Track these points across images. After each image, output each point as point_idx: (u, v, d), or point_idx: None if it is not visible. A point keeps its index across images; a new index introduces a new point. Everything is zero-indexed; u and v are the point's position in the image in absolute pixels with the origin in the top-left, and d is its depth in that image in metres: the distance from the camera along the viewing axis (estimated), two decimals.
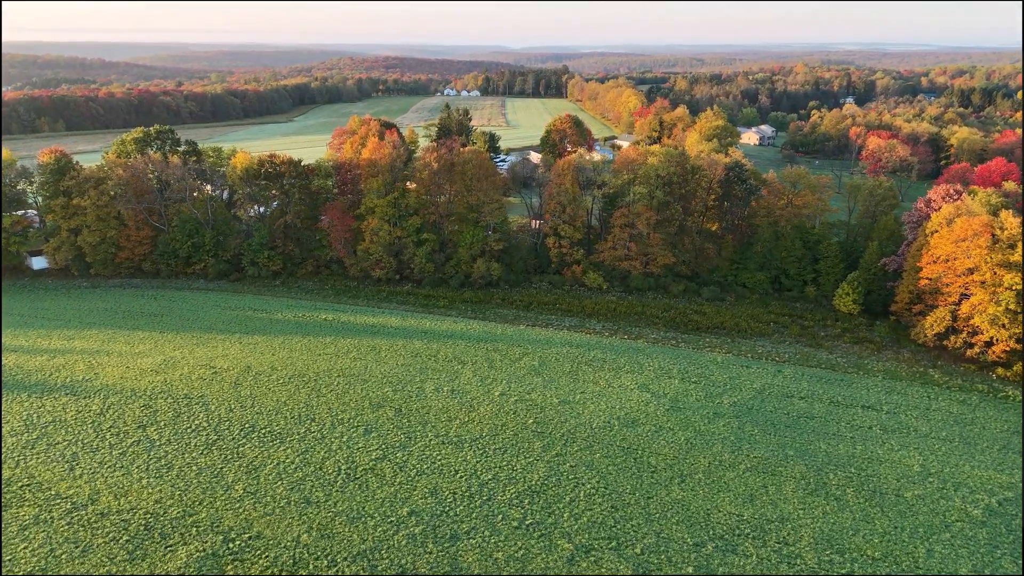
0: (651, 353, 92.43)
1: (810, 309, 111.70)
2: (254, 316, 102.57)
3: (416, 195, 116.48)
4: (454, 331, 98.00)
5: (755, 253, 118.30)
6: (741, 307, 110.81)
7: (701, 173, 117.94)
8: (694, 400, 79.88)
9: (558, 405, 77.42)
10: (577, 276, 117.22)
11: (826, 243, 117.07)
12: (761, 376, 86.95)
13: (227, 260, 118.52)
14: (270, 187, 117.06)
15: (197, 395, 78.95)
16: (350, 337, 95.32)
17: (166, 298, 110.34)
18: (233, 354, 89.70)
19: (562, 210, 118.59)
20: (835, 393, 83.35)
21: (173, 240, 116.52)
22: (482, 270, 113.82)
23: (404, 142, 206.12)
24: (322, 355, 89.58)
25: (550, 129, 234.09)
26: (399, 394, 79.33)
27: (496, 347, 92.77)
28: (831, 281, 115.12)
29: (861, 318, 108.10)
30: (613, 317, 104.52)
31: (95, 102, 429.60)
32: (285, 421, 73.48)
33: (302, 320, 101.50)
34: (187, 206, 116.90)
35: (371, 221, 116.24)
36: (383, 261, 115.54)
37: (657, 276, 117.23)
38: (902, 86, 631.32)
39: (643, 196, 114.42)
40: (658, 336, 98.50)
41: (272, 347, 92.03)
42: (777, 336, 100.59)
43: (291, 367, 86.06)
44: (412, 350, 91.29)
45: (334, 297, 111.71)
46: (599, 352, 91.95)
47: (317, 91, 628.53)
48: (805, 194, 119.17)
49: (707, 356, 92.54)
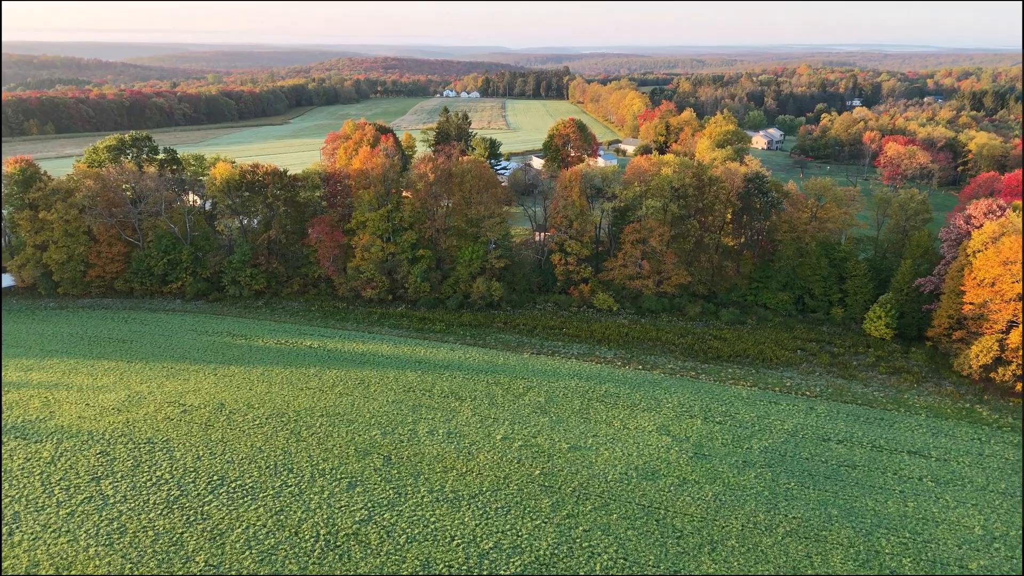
0: (669, 387, 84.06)
1: (838, 333, 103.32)
2: (232, 343, 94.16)
3: (411, 208, 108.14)
4: (451, 360, 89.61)
5: (777, 271, 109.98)
6: (763, 331, 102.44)
7: (718, 185, 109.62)
8: (720, 445, 71.52)
9: (568, 452, 69.06)
10: (585, 296, 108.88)
11: (853, 261, 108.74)
12: (792, 415, 78.57)
13: (206, 278, 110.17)
14: (253, 199, 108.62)
15: (162, 439, 70.64)
16: (336, 368, 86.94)
17: (138, 321, 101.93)
18: (206, 388, 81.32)
19: (568, 224, 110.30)
20: (876, 435, 74.96)
21: (148, 257, 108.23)
22: (482, 290, 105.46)
23: (400, 148, 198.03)
24: (304, 390, 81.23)
25: (553, 134, 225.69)
26: (389, 438, 71.01)
27: (498, 380, 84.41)
28: (859, 302, 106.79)
29: (895, 344, 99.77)
30: (625, 343, 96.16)
31: (85, 104, 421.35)
32: (259, 472, 65.13)
33: (285, 347, 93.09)
34: (163, 220, 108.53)
35: (362, 236, 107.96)
36: (375, 280, 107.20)
37: (671, 296, 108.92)
38: (908, 88, 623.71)
39: (656, 210, 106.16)
40: (675, 366, 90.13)
41: (250, 380, 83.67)
42: (805, 366, 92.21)
43: (269, 404, 77.72)
44: (405, 383, 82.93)
45: (321, 320, 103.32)
46: (611, 386, 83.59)
47: (314, 92, 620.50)
48: (830, 208, 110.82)
49: (731, 390, 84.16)
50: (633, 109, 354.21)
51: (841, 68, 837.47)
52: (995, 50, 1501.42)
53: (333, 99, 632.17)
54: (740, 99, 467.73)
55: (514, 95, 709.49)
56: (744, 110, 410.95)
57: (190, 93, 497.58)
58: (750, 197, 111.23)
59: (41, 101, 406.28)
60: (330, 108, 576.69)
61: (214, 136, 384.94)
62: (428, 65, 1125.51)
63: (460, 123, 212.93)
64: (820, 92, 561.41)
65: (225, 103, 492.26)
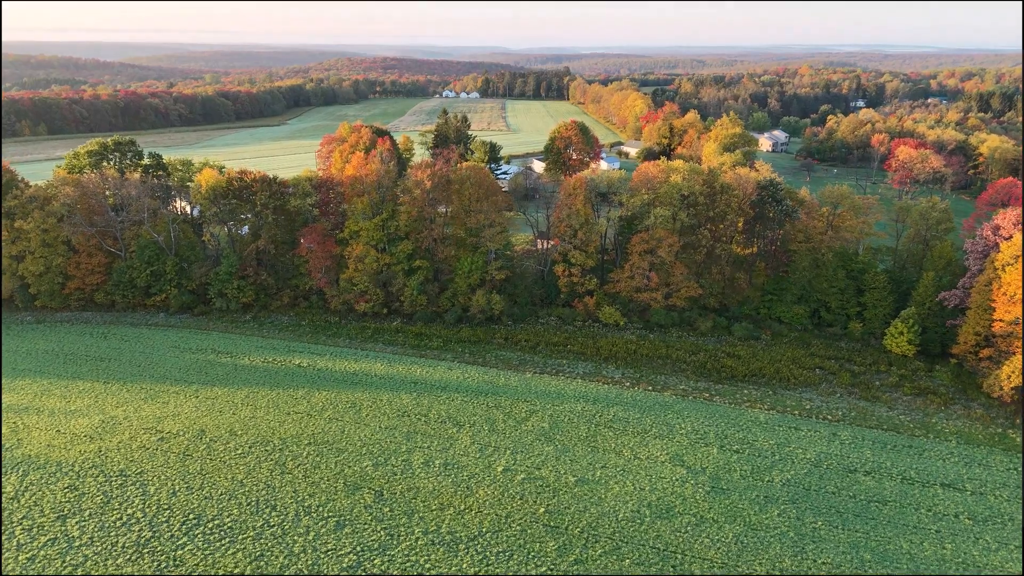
0: (681, 410, 78.93)
1: (857, 350, 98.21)
2: (217, 361, 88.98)
3: (407, 217, 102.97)
4: (449, 381, 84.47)
5: (792, 283, 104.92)
6: (779, 348, 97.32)
7: (730, 192, 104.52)
8: (739, 477, 66.40)
9: (575, 486, 63.98)
10: (590, 309, 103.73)
11: (872, 272, 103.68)
12: (814, 442, 73.44)
13: (192, 291, 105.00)
14: (241, 208, 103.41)
15: (135, 472, 65.58)
16: (327, 389, 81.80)
17: (118, 336, 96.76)
18: (186, 413, 76.17)
19: (572, 234, 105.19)
20: (906, 465, 69.85)
21: (130, 268, 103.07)
22: (482, 303, 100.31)
23: (398, 151, 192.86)
24: (292, 414, 76.10)
25: (554, 136, 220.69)
26: (381, 470, 65.91)
27: (498, 403, 79.28)
28: (879, 316, 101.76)
29: (918, 361, 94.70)
30: (633, 361, 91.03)
31: (79, 104, 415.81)
32: (239, 510, 60.03)
33: (272, 366, 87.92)
34: (146, 229, 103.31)
35: (355, 247, 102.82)
36: (369, 292, 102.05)
37: (681, 310, 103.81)
38: (912, 89, 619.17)
39: (665, 219, 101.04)
40: (687, 387, 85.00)
41: (233, 403, 78.55)
42: (825, 386, 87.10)
43: (253, 431, 72.60)
44: (399, 407, 77.78)
45: (311, 336, 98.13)
46: (620, 409, 78.45)
47: (312, 93, 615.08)
48: (846, 216, 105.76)
49: (747, 414, 79.03)
50: (635, 110, 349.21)
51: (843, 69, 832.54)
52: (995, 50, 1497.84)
53: (331, 99, 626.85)
54: (743, 100, 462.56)
55: (514, 96, 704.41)
56: (748, 111, 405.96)
57: (186, 94, 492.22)
58: (763, 205, 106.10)
59: (34, 102, 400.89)
60: (328, 109, 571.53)
61: (209, 137, 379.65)
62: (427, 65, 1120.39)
63: (459, 125, 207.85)
64: (824, 93, 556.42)
65: (221, 104, 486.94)
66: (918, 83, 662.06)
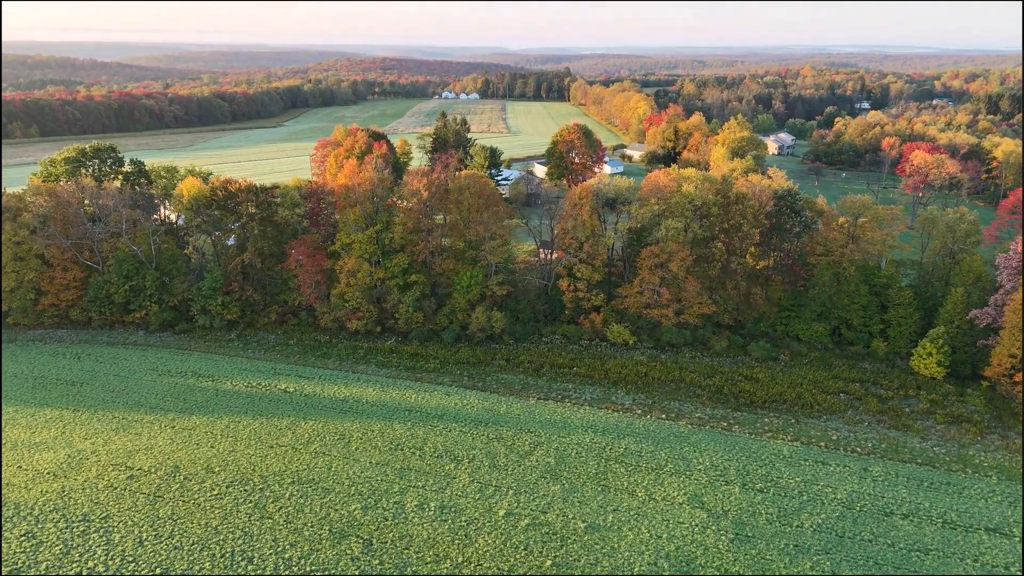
0: (698, 442, 73.00)
1: (882, 372, 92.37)
2: (197, 385, 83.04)
3: (402, 228, 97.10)
4: (447, 409, 78.53)
5: (811, 299, 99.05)
6: (799, 369, 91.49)
7: (745, 203, 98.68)
8: (764, 522, 60.49)
9: (584, 533, 58.08)
10: (597, 327, 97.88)
11: (896, 288, 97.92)
12: (844, 479, 67.55)
13: (173, 307, 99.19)
14: (226, 218, 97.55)
15: (100, 516, 59.73)
16: (314, 418, 75.88)
17: (93, 357, 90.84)
18: (160, 446, 70.27)
19: (578, 246, 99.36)
20: (946, 507, 63.96)
21: (107, 283, 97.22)
22: (482, 321, 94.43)
23: (395, 155, 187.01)
24: (275, 447, 70.18)
25: (556, 140, 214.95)
26: (370, 514, 60.00)
27: (500, 434, 73.36)
28: (904, 335, 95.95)
29: (948, 384, 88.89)
30: (645, 386, 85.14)
31: (72, 106, 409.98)
32: (212, 563, 54.13)
33: (256, 391, 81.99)
34: (124, 241, 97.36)
35: (347, 260, 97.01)
36: (361, 309, 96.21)
37: (694, 328, 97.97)
38: (917, 90, 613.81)
39: (677, 231, 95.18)
40: (704, 415, 79.09)
41: (212, 434, 72.63)
42: (851, 413, 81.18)
43: (232, 467, 66.70)
44: (392, 439, 71.86)
45: (300, 356, 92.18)
46: (632, 441, 72.54)
47: (310, 94, 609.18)
48: (868, 227, 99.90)
49: (769, 446, 73.10)
50: (638, 112, 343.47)
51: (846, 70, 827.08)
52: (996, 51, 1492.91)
53: (329, 100, 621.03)
54: (748, 102, 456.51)
55: (514, 97, 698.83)
56: (752, 113, 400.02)
57: (181, 95, 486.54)
58: (780, 216, 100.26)
59: (26, 103, 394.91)
60: (326, 110, 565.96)
61: (203, 139, 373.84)
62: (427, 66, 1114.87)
63: (458, 129, 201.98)
64: (828, 94, 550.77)
65: (217, 105, 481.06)
66: (922, 84, 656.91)
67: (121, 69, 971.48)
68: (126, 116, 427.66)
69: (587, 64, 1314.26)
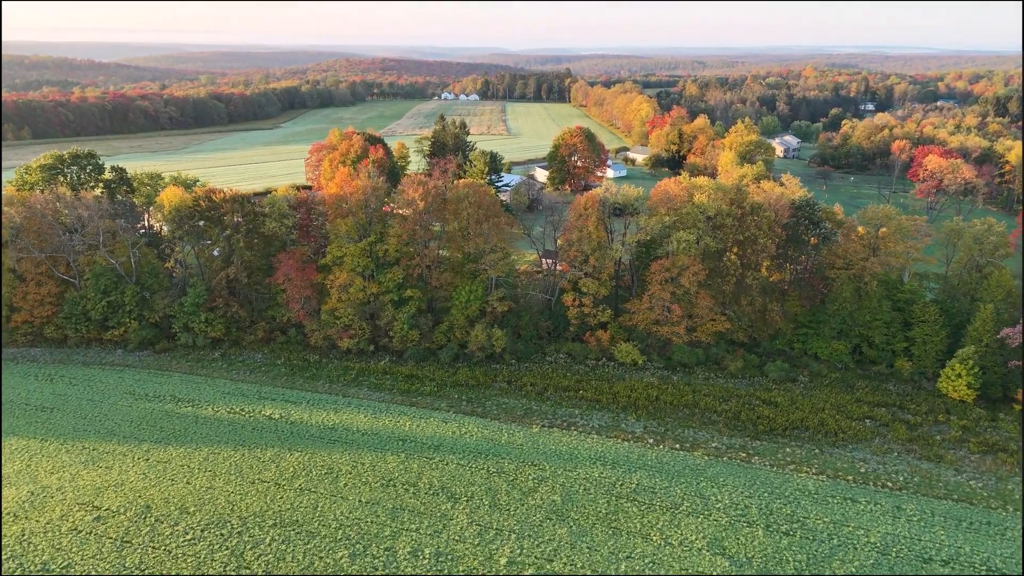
0: (716, 476, 67.58)
1: (908, 394, 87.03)
2: (175, 411, 77.58)
3: (397, 240, 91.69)
4: (443, 438, 73.08)
5: (831, 316, 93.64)
6: (819, 391, 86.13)
7: (760, 213, 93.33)
8: (793, 570, 55.12)
9: None
10: (603, 345, 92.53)
11: (921, 303, 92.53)
12: (876, 519, 62.15)
13: (154, 323, 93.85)
14: (210, 230, 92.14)
15: (61, 565, 54.42)
16: (300, 449, 70.45)
17: (66, 379, 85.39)
18: (131, 482, 64.86)
19: (584, 259, 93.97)
20: (988, 551, 58.63)
21: (84, 298, 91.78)
22: (481, 339, 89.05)
23: (392, 159, 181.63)
24: (257, 483, 64.74)
25: (558, 143, 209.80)
26: (359, 563, 54.63)
27: (501, 467, 67.91)
28: (930, 354, 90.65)
29: (979, 408, 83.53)
30: (656, 411, 79.72)
31: (65, 107, 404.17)
32: None
33: (239, 418, 76.54)
34: (102, 254, 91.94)
35: (339, 274, 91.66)
36: (353, 326, 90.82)
37: (706, 346, 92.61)
38: (921, 91, 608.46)
39: (689, 244, 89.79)
40: (720, 444, 73.67)
41: (189, 467, 67.22)
42: (879, 441, 75.75)
43: (209, 506, 61.29)
44: (384, 474, 66.45)
45: (287, 378, 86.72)
46: (644, 475, 67.10)
47: (308, 95, 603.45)
48: (891, 239, 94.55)
49: (793, 480, 67.68)
50: (641, 114, 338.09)
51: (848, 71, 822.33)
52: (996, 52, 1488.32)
53: (328, 102, 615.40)
54: (752, 103, 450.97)
55: (514, 98, 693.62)
56: (757, 115, 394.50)
57: (177, 96, 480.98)
58: (798, 227, 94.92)
59: (18, 104, 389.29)
60: (324, 111, 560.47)
61: (198, 141, 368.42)
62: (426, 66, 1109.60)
63: (457, 132, 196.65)
64: (833, 96, 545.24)
65: (214, 106, 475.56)
66: (926, 85, 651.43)
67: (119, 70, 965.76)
68: (120, 118, 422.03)
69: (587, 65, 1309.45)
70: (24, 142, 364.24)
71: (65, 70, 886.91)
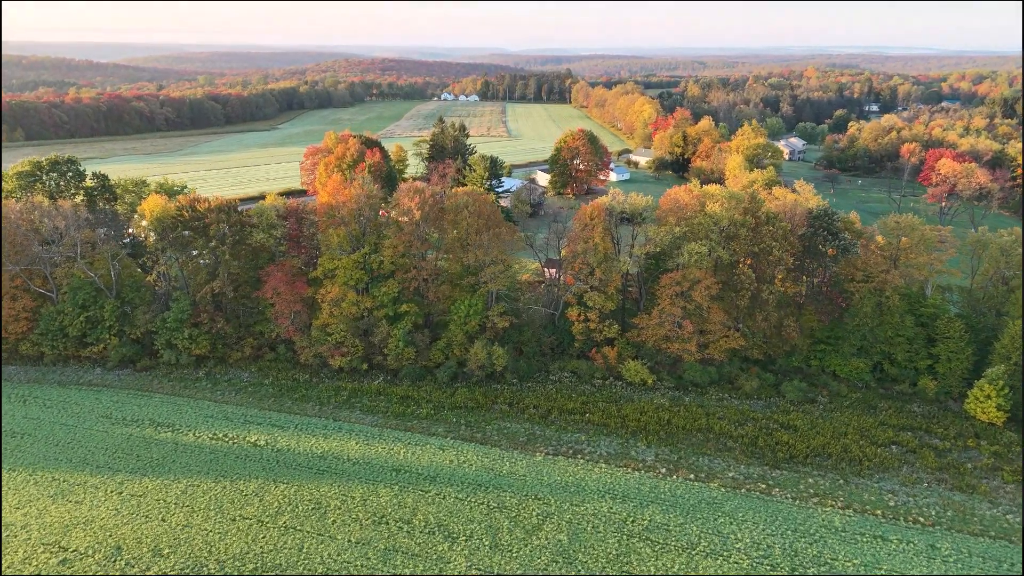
0: (734, 511, 62.74)
1: (934, 416, 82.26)
2: (154, 438, 72.77)
3: (392, 251, 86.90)
4: (440, 468, 68.24)
5: (850, 332, 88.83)
6: (840, 413, 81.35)
7: (776, 223, 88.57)
8: None
9: None
10: (611, 363, 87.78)
11: (946, 318, 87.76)
12: (910, 560, 57.38)
13: (136, 340, 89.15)
14: (195, 241, 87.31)
15: None
16: (286, 481, 65.64)
17: (40, 401, 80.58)
18: (102, 518, 60.05)
19: (589, 272, 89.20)
20: None
21: (61, 313, 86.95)
22: (481, 358, 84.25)
23: (389, 163, 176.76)
24: (238, 521, 59.87)
25: (560, 146, 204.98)
26: None
27: (502, 501, 63.09)
28: (956, 372, 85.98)
29: (1010, 431, 78.60)
30: (668, 436, 74.90)
31: (59, 108, 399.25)
32: None
33: (222, 445, 71.70)
34: (80, 267, 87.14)
35: (331, 288, 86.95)
36: (346, 343, 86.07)
37: (719, 364, 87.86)
38: (925, 92, 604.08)
39: (701, 256, 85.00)
40: (738, 474, 68.83)
41: (166, 501, 62.41)
42: (907, 470, 70.93)
43: (185, 547, 56.43)
44: (375, 509, 61.60)
45: (275, 399, 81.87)
46: (657, 511, 62.26)
47: (306, 96, 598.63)
48: (914, 251, 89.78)
49: (817, 515, 62.81)
50: (643, 116, 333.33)
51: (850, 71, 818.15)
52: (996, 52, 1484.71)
53: (326, 103, 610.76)
54: (755, 105, 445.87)
55: (515, 99, 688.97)
56: (761, 116, 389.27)
57: (173, 97, 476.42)
58: (815, 238, 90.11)
59: (11, 105, 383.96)
60: (322, 112, 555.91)
61: (194, 143, 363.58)
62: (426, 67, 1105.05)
63: (457, 135, 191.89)
64: (837, 97, 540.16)
65: (210, 107, 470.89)
66: (930, 86, 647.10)
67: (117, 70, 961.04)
68: (115, 119, 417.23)
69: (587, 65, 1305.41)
70: (17, 144, 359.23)
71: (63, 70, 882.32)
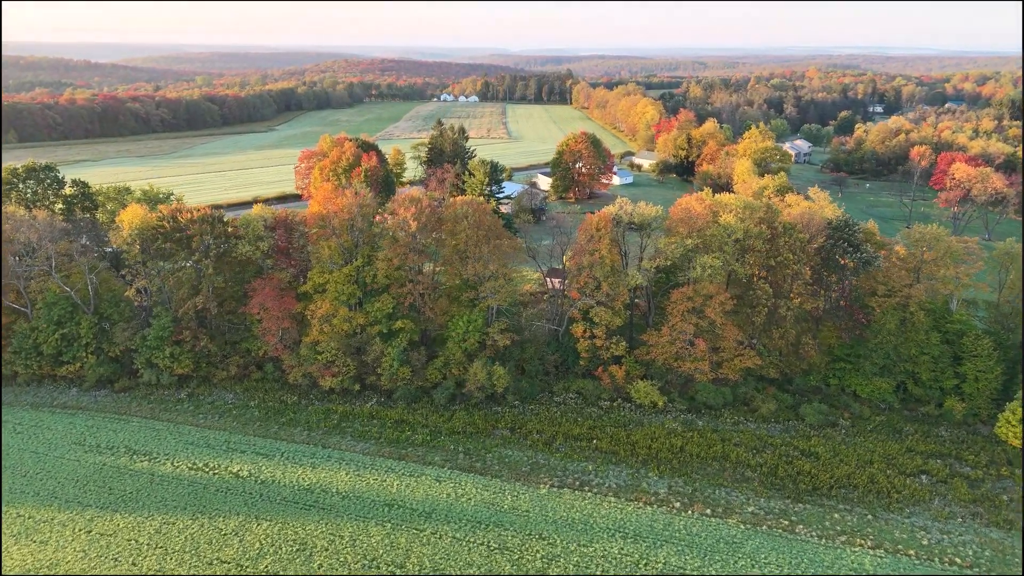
0: (756, 552, 57.80)
1: (963, 440, 77.44)
2: (129, 468, 67.87)
3: (387, 265, 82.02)
4: (436, 502, 63.29)
5: (872, 350, 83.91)
6: (864, 438, 76.51)
7: (794, 234, 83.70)
8: None
9: None
10: (618, 383, 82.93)
11: (973, 335, 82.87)
12: None
13: (114, 358, 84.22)
14: (177, 254, 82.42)
15: None
16: (269, 518, 60.68)
17: (10, 426, 75.79)
18: (67, 561, 55.10)
19: (596, 286, 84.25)
20: None
21: (35, 330, 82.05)
22: (481, 378, 79.37)
23: (386, 167, 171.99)
24: (215, 565, 54.95)
25: (562, 149, 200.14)
26: None
27: (504, 541, 58.12)
28: (983, 392, 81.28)
29: None
30: (681, 465, 70.02)
31: (53, 110, 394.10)
32: None
33: (201, 476, 66.79)
34: (55, 281, 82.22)
35: (321, 303, 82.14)
36: (337, 362, 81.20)
37: (734, 385, 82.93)
38: (929, 93, 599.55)
39: (715, 270, 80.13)
40: (758, 508, 63.92)
41: (137, 542, 57.48)
42: (939, 503, 66.07)
43: None
44: (364, 551, 56.64)
45: (261, 424, 76.92)
46: (672, 552, 57.30)
47: (304, 97, 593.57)
48: (937, 263, 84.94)
49: (846, 557, 57.89)
50: (646, 118, 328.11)
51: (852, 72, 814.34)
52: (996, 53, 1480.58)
53: (324, 104, 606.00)
54: (759, 106, 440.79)
55: (515, 99, 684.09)
56: (765, 118, 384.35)
57: (169, 97, 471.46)
58: (834, 250, 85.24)
59: (4, 106, 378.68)
60: (321, 113, 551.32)
61: (189, 145, 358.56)
62: (426, 67, 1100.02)
63: (456, 138, 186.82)
64: (841, 98, 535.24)
65: (207, 108, 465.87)
66: (934, 87, 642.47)
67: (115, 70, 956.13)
68: (110, 120, 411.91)
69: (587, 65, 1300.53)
70: (10, 145, 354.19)
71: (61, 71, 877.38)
